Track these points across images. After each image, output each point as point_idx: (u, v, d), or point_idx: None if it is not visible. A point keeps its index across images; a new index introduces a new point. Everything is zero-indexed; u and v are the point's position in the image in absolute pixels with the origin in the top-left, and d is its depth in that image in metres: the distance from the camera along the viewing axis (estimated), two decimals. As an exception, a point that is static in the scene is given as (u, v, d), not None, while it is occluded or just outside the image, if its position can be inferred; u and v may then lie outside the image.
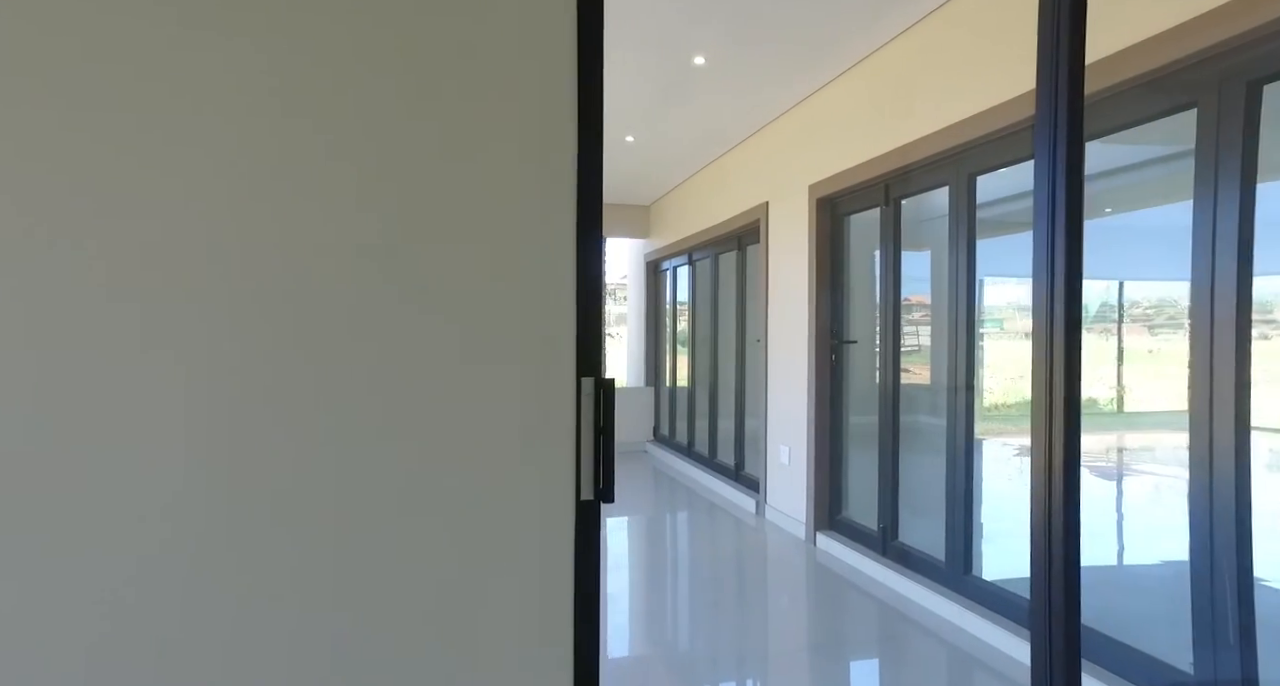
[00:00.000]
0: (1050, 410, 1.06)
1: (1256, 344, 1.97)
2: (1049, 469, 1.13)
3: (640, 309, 7.62)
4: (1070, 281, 1.03)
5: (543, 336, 0.81)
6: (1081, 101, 1.16)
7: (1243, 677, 1.92)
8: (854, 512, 3.79)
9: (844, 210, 3.84)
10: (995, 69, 2.60)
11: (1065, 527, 1.14)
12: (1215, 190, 1.98)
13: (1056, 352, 1.05)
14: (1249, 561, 1.95)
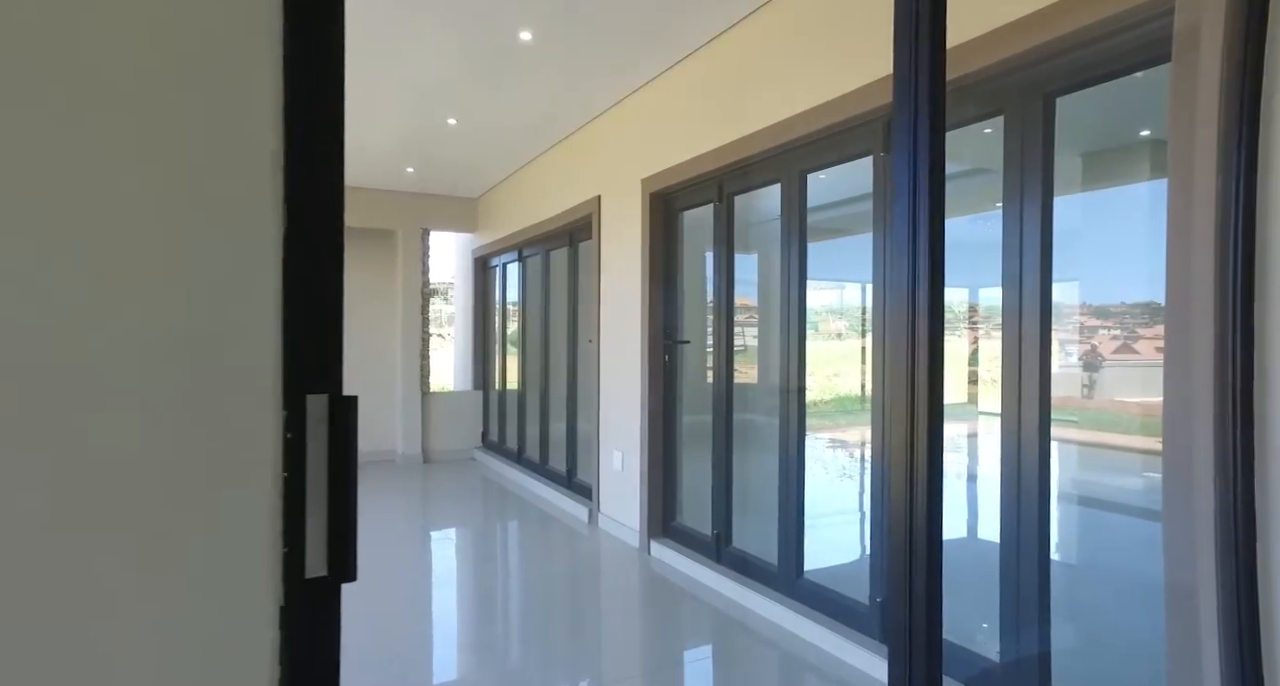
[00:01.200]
0: (913, 411, 0.93)
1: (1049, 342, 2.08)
2: (910, 473, 0.99)
3: (468, 308, 7.16)
4: (934, 277, 0.90)
5: (208, 338, 0.51)
6: (943, 94, 1.05)
7: (1038, 653, 2.00)
8: (688, 518, 3.71)
9: (678, 206, 3.75)
10: (830, 63, 2.59)
11: (928, 538, 1.02)
12: (1021, 199, 2.06)
13: (919, 350, 0.92)
14: (1048, 544, 2.04)
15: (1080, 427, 3.23)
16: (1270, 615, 1.36)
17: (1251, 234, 1.36)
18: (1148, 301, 2.61)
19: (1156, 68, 1.82)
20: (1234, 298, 1.36)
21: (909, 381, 0.96)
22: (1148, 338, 2.55)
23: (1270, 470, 1.35)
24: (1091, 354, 2.84)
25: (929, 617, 1.05)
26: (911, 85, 1.06)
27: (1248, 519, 1.36)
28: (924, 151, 1.02)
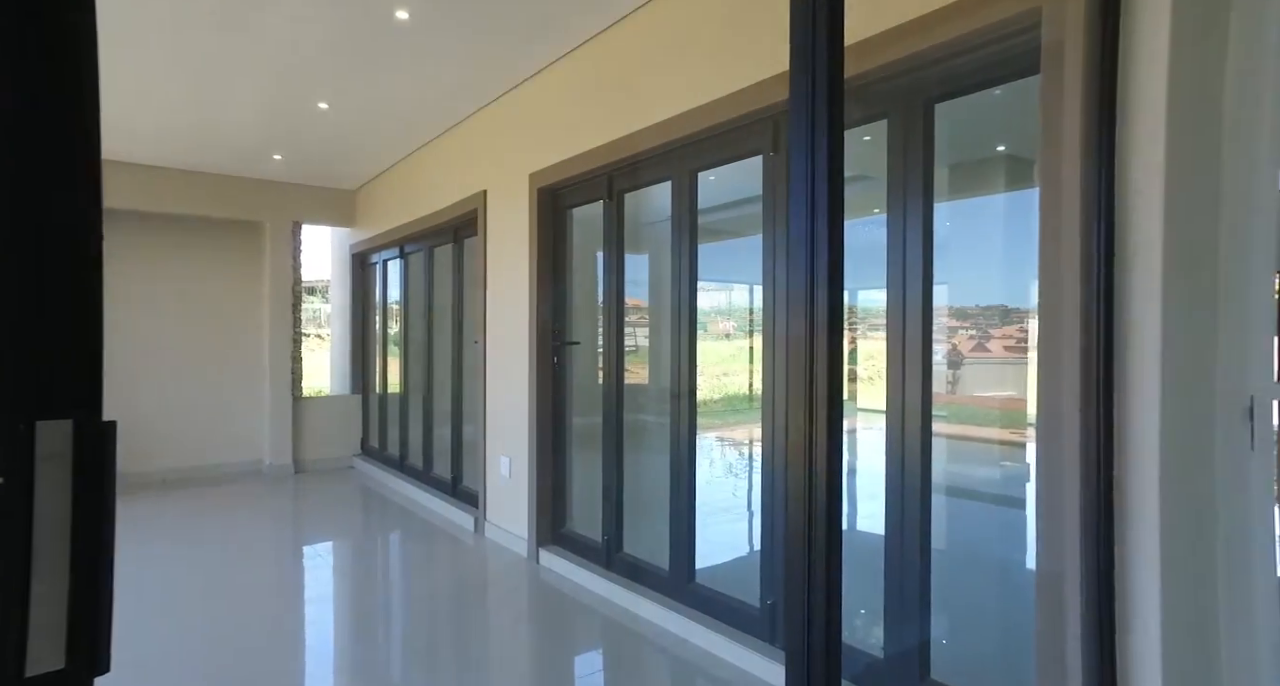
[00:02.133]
0: (813, 410, 0.87)
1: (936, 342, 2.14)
2: (810, 475, 0.94)
3: (346, 307, 6.71)
4: (833, 275, 0.85)
5: None
6: (841, 92, 1.00)
7: (919, 644, 2.06)
8: (579, 524, 3.60)
9: (567, 203, 3.64)
10: (720, 60, 2.57)
11: (828, 540, 0.97)
12: (904, 203, 2.11)
13: (819, 349, 0.86)
14: (929, 536, 2.10)
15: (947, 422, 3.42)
16: (1124, 599, 1.43)
17: (1111, 238, 1.43)
18: (1000, 304, 2.78)
19: (1013, 86, 1.91)
20: (1098, 300, 1.42)
21: (807, 380, 0.90)
22: (998, 337, 2.71)
23: (1129, 463, 1.42)
24: (954, 352, 2.98)
25: (828, 623, 1.00)
26: (809, 81, 1.01)
27: (1108, 510, 1.43)
28: (823, 149, 0.97)
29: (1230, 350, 1.45)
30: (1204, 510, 1.45)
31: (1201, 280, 1.44)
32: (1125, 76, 1.44)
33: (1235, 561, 1.46)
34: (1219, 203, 1.46)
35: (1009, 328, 3.03)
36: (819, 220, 0.91)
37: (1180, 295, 1.40)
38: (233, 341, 6.01)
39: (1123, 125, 1.44)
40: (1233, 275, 1.45)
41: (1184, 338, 1.40)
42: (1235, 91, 1.46)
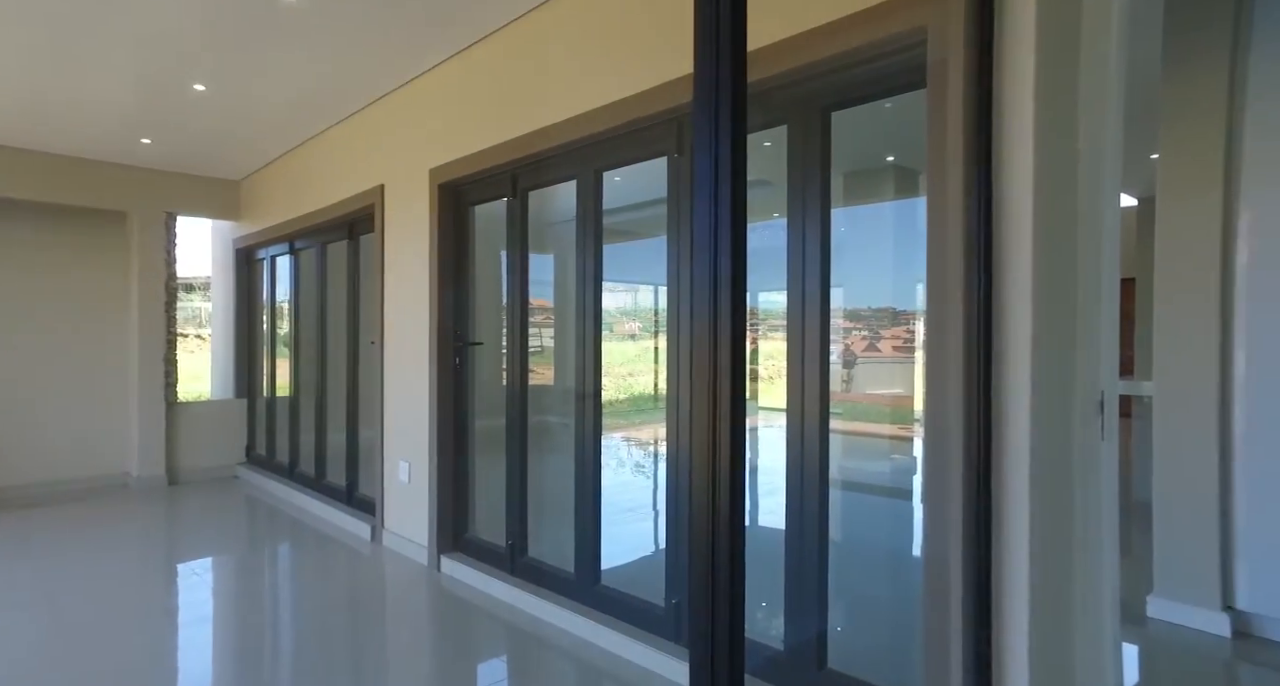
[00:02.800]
0: (716, 410, 0.88)
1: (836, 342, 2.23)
2: (713, 475, 0.94)
3: (229, 306, 6.25)
4: (735, 277, 0.86)
5: None
6: (744, 94, 1.01)
7: (817, 635, 2.13)
8: (482, 530, 3.51)
9: (469, 199, 3.54)
10: (627, 59, 2.56)
11: (731, 539, 0.97)
12: (803, 207, 2.18)
13: (721, 350, 0.87)
14: (827, 530, 2.18)
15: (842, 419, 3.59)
16: (999, 581, 1.53)
17: (990, 247, 1.53)
18: (890, 306, 2.94)
19: (902, 99, 2.02)
20: (979, 304, 1.51)
21: (711, 380, 0.91)
22: (888, 338, 2.87)
23: (1004, 455, 1.52)
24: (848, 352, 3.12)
25: (732, 621, 1.01)
26: (713, 85, 1.02)
27: (986, 499, 1.53)
28: (725, 152, 0.98)
29: (1086, 351, 1.59)
30: (1063, 495, 1.58)
31: (1062, 289, 1.57)
32: (999, 99, 1.54)
33: (1089, 540, 1.60)
34: (1076, 221, 1.60)
35: (898, 328, 3.21)
36: (722, 222, 0.92)
37: (1046, 302, 1.51)
38: (95, 342, 5.47)
39: (997, 144, 1.54)
40: (1087, 285, 1.59)
41: (1049, 340, 1.52)
42: (1086, 120, 1.60)
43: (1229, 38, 2.63)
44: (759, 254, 2.50)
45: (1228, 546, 2.66)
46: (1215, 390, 2.66)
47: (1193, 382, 2.71)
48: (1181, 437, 2.73)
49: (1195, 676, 2.42)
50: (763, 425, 3.34)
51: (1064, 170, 1.58)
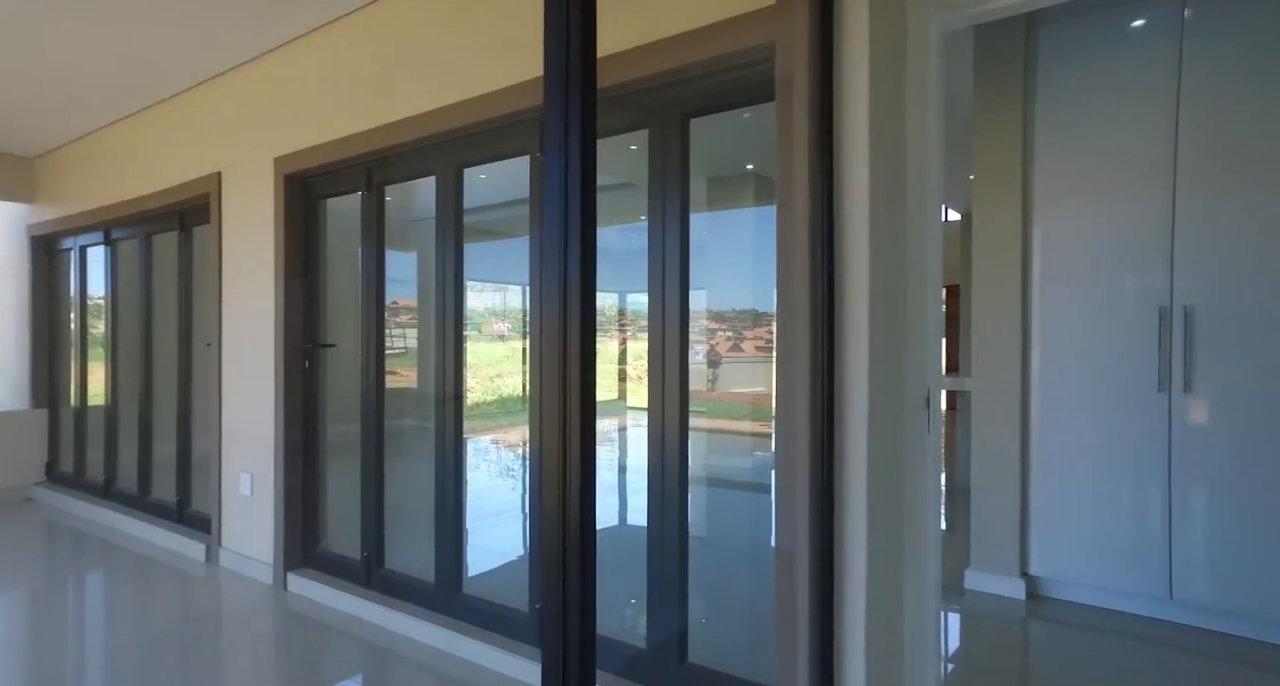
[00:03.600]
0: (566, 411, 0.88)
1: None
2: (564, 476, 0.94)
3: (23, 301, 5.44)
4: (585, 278, 0.86)
5: None
6: (594, 96, 1.02)
7: (679, 631, 2.20)
8: (335, 542, 3.30)
9: (320, 192, 3.31)
10: (489, 54, 2.50)
11: (581, 543, 0.97)
12: (663, 210, 2.23)
13: (571, 351, 0.87)
14: (687, 526, 2.25)
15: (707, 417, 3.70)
16: (841, 564, 1.65)
17: (832, 254, 1.64)
18: (751, 308, 3.10)
19: (758, 109, 2.12)
20: (823, 307, 1.62)
21: (561, 383, 0.90)
22: (750, 338, 3.01)
23: (845, 449, 1.64)
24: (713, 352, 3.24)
25: (583, 619, 1.01)
26: (563, 86, 1.01)
27: (830, 490, 1.64)
28: (575, 153, 0.98)
29: (914, 351, 1.74)
30: (895, 484, 1.73)
31: (894, 293, 1.71)
32: (840, 116, 1.66)
33: (917, 523, 1.76)
34: (905, 232, 1.76)
35: (759, 329, 3.38)
36: (572, 222, 0.91)
37: (880, 306, 1.64)
38: None
39: (838, 158, 1.66)
40: (914, 290, 1.75)
41: (883, 341, 1.66)
42: (912, 141, 1.76)
43: (1020, 78, 3.01)
44: (627, 256, 2.54)
45: (1025, 521, 3.03)
46: (1018, 385, 3.02)
47: (1001, 378, 3.06)
48: (993, 427, 3.08)
49: (998, 636, 2.74)
50: (631, 424, 3.39)
51: (894, 185, 1.72)
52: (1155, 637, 2.67)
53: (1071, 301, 2.93)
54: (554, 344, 0.91)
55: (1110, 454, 2.84)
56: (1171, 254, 2.73)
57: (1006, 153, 3.04)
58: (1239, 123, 2.61)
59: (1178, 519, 2.71)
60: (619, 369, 3.50)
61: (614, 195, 2.67)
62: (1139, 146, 2.79)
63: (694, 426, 2.46)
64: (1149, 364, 2.76)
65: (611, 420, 3.40)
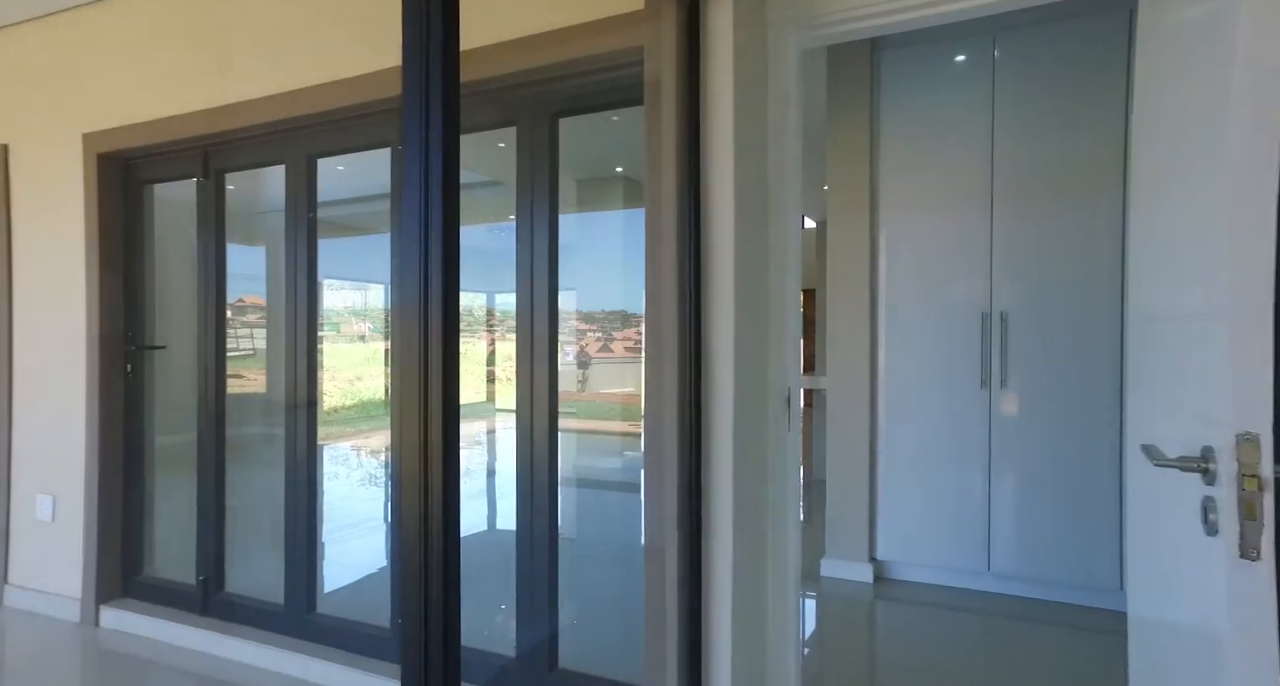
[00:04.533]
0: (426, 420, 0.83)
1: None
2: (425, 483, 0.89)
3: None
4: (448, 278, 0.82)
5: None
6: (457, 87, 0.97)
7: (549, 637, 2.17)
8: (164, 567, 2.95)
9: (145, 177, 2.95)
10: (348, 37, 2.34)
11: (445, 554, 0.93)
12: (531, 209, 2.19)
13: (433, 355, 0.82)
14: (557, 530, 2.22)
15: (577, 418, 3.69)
16: (709, 559, 1.69)
17: (699, 256, 1.68)
18: (621, 309, 3.13)
19: (628, 113, 2.14)
20: (691, 309, 1.65)
21: (421, 387, 0.85)
22: (620, 339, 3.04)
23: (711, 447, 1.68)
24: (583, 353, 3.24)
25: (446, 632, 0.97)
26: (422, 77, 0.96)
27: (697, 487, 1.68)
28: (438, 147, 0.93)
29: (775, 351, 1.83)
30: (759, 479, 1.80)
31: (757, 296, 1.78)
32: (706, 123, 1.71)
33: (778, 516, 1.84)
34: (767, 238, 1.84)
35: (628, 330, 3.41)
36: (433, 219, 0.87)
37: (745, 307, 1.71)
38: None
39: (705, 164, 1.70)
40: (776, 294, 1.83)
41: (747, 342, 1.72)
42: (773, 150, 1.85)
43: (867, 97, 3.26)
44: (496, 255, 2.48)
45: (874, 510, 3.28)
46: (867, 383, 3.26)
47: (852, 377, 3.29)
48: (846, 423, 3.31)
49: (849, 617, 2.94)
50: (501, 427, 3.31)
51: (758, 192, 1.80)
52: (977, 606, 2.98)
53: (912, 306, 3.21)
54: (413, 345, 0.86)
55: (942, 445, 3.13)
56: (991, 264, 3.06)
57: (856, 166, 3.28)
58: (1040, 150, 2.97)
59: (995, 501, 3.04)
60: (488, 370, 3.41)
61: (482, 193, 2.59)
62: (964, 167, 3.10)
63: (564, 427, 2.45)
64: (974, 363, 3.07)
65: (480, 423, 3.31)
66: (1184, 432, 0.97)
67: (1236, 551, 0.78)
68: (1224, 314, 0.83)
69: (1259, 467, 0.78)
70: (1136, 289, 1.62)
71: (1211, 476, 0.83)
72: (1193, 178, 1.10)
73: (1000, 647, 2.63)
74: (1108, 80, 2.87)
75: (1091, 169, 2.90)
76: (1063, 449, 2.93)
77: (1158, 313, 1.31)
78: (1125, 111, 2.84)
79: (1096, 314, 2.89)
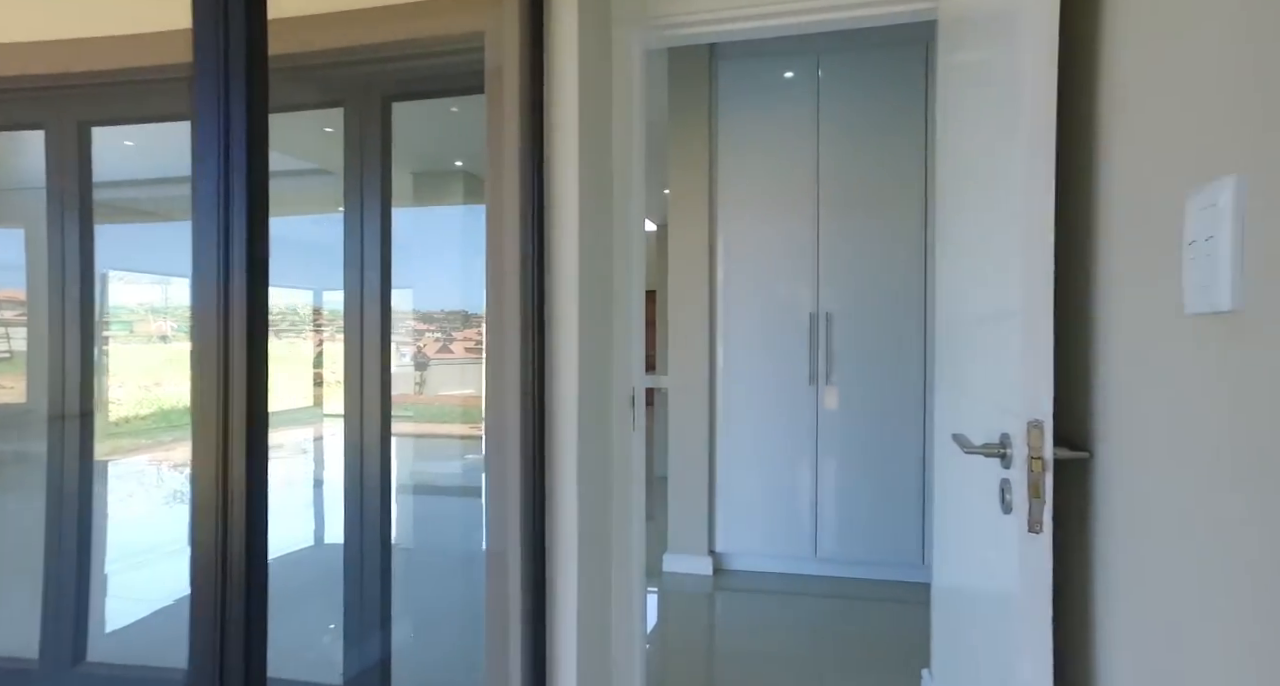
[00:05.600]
0: (227, 434, 0.72)
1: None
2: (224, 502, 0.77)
3: None
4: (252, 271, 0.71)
5: None
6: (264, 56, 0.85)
7: (380, 660, 2.02)
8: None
9: None
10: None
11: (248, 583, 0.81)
12: (362, 198, 2.03)
13: (235, 359, 0.71)
14: (389, 542, 2.07)
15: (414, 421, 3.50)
16: (554, 561, 1.65)
17: (543, 255, 1.63)
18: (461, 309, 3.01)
19: (468, 104, 2.04)
20: (533, 308, 1.60)
21: (221, 396, 0.74)
22: (460, 340, 2.92)
23: (555, 448, 1.64)
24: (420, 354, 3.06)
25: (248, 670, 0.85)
26: (220, 39, 0.83)
27: (541, 490, 1.63)
28: (240, 123, 0.81)
29: (620, 351, 1.82)
30: (604, 479, 1.79)
31: (601, 296, 1.77)
32: (550, 117, 1.66)
33: (623, 514, 1.84)
34: (611, 236, 1.83)
35: (469, 330, 3.28)
36: (235, 205, 0.75)
37: (589, 307, 1.68)
38: None
39: (549, 160, 1.66)
40: (619, 294, 1.83)
41: (592, 343, 1.70)
42: (619, 146, 1.85)
43: (707, 104, 3.38)
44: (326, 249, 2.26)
45: (712, 504, 3.41)
46: (706, 381, 3.38)
47: (693, 375, 3.39)
48: (687, 420, 3.40)
49: (689, 609, 3.04)
50: (329, 433, 3.07)
51: (602, 191, 1.78)
52: (805, 590, 3.19)
53: (748, 307, 3.37)
54: (212, 348, 0.74)
55: (775, 439, 3.32)
56: (818, 268, 3.29)
57: (696, 172, 3.39)
58: (858, 164, 3.25)
59: (821, 490, 3.28)
60: (315, 373, 3.12)
61: (306, 181, 2.36)
62: (794, 176, 3.31)
63: (401, 432, 2.29)
64: (803, 361, 3.29)
65: (306, 429, 3.02)
66: (985, 420, 1.08)
67: (1025, 526, 0.88)
68: (1015, 315, 0.94)
69: (1043, 451, 0.88)
70: (941, 292, 1.80)
71: (1008, 461, 0.92)
72: (981, 198, 1.24)
73: (824, 626, 2.83)
74: (910, 103, 3.19)
75: (900, 182, 3.21)
76: (878, 439, 3.21)
77: (959, 315, 1.46)
78: (925, 131, 3.18)
79: (906, 314, 3.20)
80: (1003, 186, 1.06)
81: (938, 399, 1.82)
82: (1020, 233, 0.93)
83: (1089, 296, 1.00)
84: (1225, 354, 0.64)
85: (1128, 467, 0.85)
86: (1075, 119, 1.08)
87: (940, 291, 1.83)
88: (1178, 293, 0.72)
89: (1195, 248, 0.66)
